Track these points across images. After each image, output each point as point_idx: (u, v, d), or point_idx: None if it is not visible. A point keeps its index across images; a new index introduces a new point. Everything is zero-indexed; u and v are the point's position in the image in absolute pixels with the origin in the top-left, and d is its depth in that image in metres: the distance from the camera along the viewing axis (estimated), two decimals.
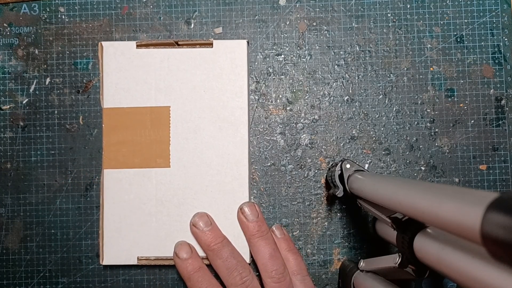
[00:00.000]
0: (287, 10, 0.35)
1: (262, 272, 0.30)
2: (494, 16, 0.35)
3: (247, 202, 0.32)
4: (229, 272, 0.30)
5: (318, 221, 0.34)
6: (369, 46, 0.35)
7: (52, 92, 0.35)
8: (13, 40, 0.35)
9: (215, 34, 0.35)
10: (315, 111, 0.35)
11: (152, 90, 0.33)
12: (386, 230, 0.30)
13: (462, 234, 0.15)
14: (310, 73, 0.35)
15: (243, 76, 0.33)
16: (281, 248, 0.31)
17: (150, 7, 0.35)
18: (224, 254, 0.30)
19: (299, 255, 0.32)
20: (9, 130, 0.35)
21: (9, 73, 0.35)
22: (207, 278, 0.30)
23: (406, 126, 0.35)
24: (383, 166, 0.35)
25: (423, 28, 0.35)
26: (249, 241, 0.31)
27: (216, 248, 0.30)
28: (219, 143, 0.33)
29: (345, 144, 0.35)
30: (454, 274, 0.18)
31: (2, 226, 0.34)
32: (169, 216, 0.32)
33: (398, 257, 0.24)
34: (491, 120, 0.35)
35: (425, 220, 0.18)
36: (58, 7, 0.35)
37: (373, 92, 0.35)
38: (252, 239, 0.31)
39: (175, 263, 0.31)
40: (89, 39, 0.35)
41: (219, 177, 0.33)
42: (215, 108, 0.33)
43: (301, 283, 0.31)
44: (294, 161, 0.35)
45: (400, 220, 0.24)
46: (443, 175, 0.34)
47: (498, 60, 0.35)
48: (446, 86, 0.35)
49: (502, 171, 0.34)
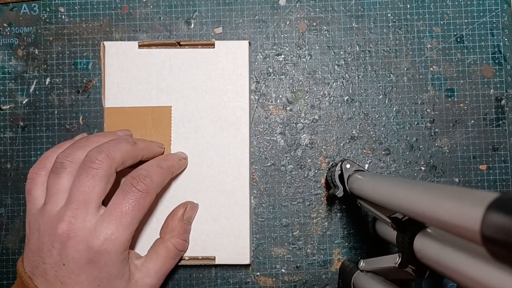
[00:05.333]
0: (287, 10, 0.35)
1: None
2: (494, 16, 0.35)
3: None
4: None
5: (318, 221, 0.34)
6: (369, 46, 0.35)
7: (52, 92, 0.35)
8: (13, 40, 0.35)
9: (215, 34, 0.35)
10: (315, 111, 0.35)
11: (154, 90, 0.33)
12: (386, 230, 0.30)
13: (462, 234, 0.15)
14: (310, 73, 0.35)
15: (244, 76, 0.33)
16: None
17: (150, 7, 0.35)
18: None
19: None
20: (9, 130, 0.35)
21: (9, 73, 0.35)
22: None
23: (406, 126, 0.35)
24: (383, 166, 0.35)
25: (423, 28, 0.35)
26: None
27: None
28: (220, 143, 0.33)
29: (345, 144, 0.35)
30: (454, 274, 0.18)
31: (2, 226, 0.34)
32: None
33: (398, 257, 0.24)
34: (491, 120, 0.35)
35: (425, 220, 0.18)
36: (58, 7, 0.35)
37: (373, 92, 0.35)
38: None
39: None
40: (89, 39, 0.35)
41: (220, 177, 0.33)
42: (216, 108, 0.33)
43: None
44: (294, 161, 0.35)
45: (400, 220, 0.24)
46: (443, 175, 0.34)
47: (498, 60, 0.35)
48: (446, 86, 0.35)
49: (502, 171, 0.34)
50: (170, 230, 0.30)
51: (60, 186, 0.26)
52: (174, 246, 0.30)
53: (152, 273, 0.29)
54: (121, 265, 0.26)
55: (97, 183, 0.26)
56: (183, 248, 0.31)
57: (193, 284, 0.34)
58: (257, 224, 0.34)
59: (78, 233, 0.25)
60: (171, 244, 0.30)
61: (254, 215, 0.34)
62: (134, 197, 0.26)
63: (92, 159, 0.26)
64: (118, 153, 0.27)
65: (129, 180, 0.27)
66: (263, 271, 0.34)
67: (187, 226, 0.32)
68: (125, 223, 0.26)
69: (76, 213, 0.25)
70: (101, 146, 0.27)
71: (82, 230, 0.25)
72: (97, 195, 0.26)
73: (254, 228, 0.34)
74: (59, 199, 0.26)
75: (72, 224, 0.25)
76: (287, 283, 0.34)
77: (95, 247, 0.25)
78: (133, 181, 0.27)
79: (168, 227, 0.31)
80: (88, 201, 0.26)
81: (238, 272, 0.34)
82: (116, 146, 0.27)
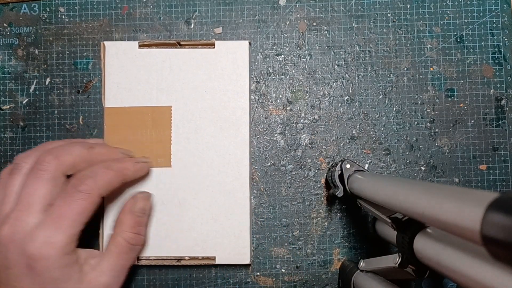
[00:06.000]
0: (287, 10, 0.35)
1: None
2: (494, 16, 0.35)
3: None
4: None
5: (318, 221, 0.34)
6: (369, 46, 0.35)
7: (52, 92, 0.35)
8: (13, 40, 0.35)
9: (215, 34, 0.35)
10: (315, 111, 0.35)
11: (154, 90, 0.33)
12: (386, 230, 0.30)
13: (462, 234, 0.15)
14: (310, 73, 0.35)
15: (244, 76, 0.33)
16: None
17: (150, 7, 0.35)
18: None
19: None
20: (9, 130, 0.35)
21: (9, 73, 0.35)
22: None
23: (406, 126, 0.35)
24: (383, 166, 0.35)
25: (423, 28, 0.35)
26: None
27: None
28: (220, 143, 0.33)
29: (345, 144, 0.35)
30: (454, 274, 0.18)
31: None
32: (169, 216, 0.32)
33: (398, 257, 0.24)
34: (491, 120, 0.35)
35: (425, 220, 0.18)
36: (58, 7, 0.35)
37: (373, 92, 0.35)
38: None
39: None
40: (89, 39, 0.35)
41: (220, 177, 0.33)
42: (217, 108, 0.33)
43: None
44: (294, 161, 0.35)
45: (400, 220, 0.24)
46: (443, 175, 0.34)
47: (498, 60, 0.35)
48: (446, 86, 0.35)
49: (502, 171, 0.34)
50: (119, 224, 0.29)
51: (13, 187, 0.26)
52: (125, 240, 0.28)
53: (105, 270, 0.27)
54: (65, 269, 0.25)
55: (42, 185, 0.25)
56: (136, 242, 0.29)
57: (193, 284, 0.34)
58: (257, 224, 0.34)
59: (17, 237, 0.24)
60: (121, 238, 0.28)
61: (254, 215, 0.34)
62: (74, 199, 0.25)
63: (39, 161, 0.26)
64: (67, 156, 0.26)
65: (72, 181, 0.26)
66: (263, 271, 0.34)
67: (139, 219, 0.30)
68: (64, 226, 0.25)
69: (19, 216, 0.25)
70: (52, 149, 0.27)
71: (21, 233, 0.24)
72: (41, 198, 0.25)
73: (254, 228, 0.34)
74: (11, 200, 0.26)
75: (14, 227, 0.24)
76: (287, 283, 0.34)
77: (30, 252, 0.24)
78: (75, 182, 0.26)
79: (118, 221, 0.29)
80: (31, 203, 0.25)
81: (238, 272, 0.34)
82: (67, 149, 0.27)
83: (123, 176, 0.29)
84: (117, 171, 0.28)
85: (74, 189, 0.25)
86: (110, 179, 0.27)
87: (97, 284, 0.27)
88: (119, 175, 0.28)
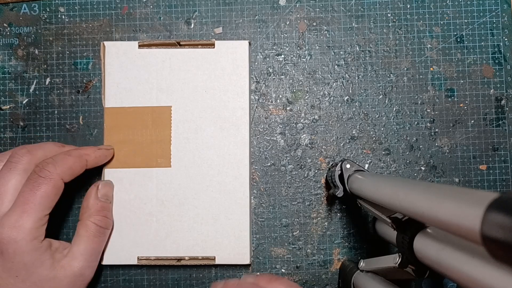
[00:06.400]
0: (287, 10, 0.35)
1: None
2: (494, 16, 0.35)
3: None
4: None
5: (318, 221, 0.34)
6: (369, 46, 0.35)
7: (52, 92, 0.35)
8: (13, 40, 0.35)
9: (215, 34, 0.35)
10: (315, 111, 0.35)
11: (154, 90, 0.33)
12: (386, 230, 0.30)
13: (462, 234, 0.15)
14: (310, 73, 0.35)
15: (244, 76, 0.33)
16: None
17: (150, 7, 0.35)
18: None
19: None
20: (9, 130, 0.35)
21: (9, 73, 0.35)
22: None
23: (406, 126, 0.35)
24: (383, 166, 0.35)
25: (423, 28, 0.35)
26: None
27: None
28: (220, 143, 0.33)
29: (345, 144, 0.35)
30: (454, 274, 0.18)
31: None
32: (169, 216, 0.32)
33: (398, 257, 0.24)
34: (491, 120, 0.35)
35: (425, 220, 0.18)
36: (58, 7, 0.35)
37: (373, 92, 0.35)
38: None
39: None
40: (89, 39, 0.35)
41: (220, 177, 0.33)
42: (216, 108, 0.33)
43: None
44: (294, 161, 0.35)
45: (400, 220, 0.24)
46: (443, 175, 0.34)
47: (498, 60, 0.35)
48: (446, 86, 0.35)
49: (502, 171, 0.34)
50: (86, 209, 0.30)
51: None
52: (93, 223, 0.30)
53: (78, 255, 0.28)
54: (35, 253, 0.26)
55: (13, 176, 0.27)
56: (104, 224, 0.30)
57: (193, 284, 0.34)
58: (257, 224, 0.34)
59: None
60: (90, 222, 0.30)
61: (254, 215, 0.34)
62: (36, 184, 0.27)
63: (13, 154, 0.28)
64: (39, 150, 0.29)
65: (34, 169, 0.28)
66: (263, 271, 0.34)
67: (104, 204, 0.31)
68: (28, 210, 0.26)
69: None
70: (26, 145, 0.29)
71: None
72: (12, 188, 0.27)
73: (254, 228, 0.34)
74: None
75: None
76: None
77: (0, 237, 0.25)
78: (37, 169, 0.27)
79: (84, 207, 0.30)
80: (4, 193, 0.27)
81: (238, 272, 0.34)
82: (39, 145, 0.29)
83: (85, 161, 0.30)
84: (78, 156, 0.30)
85: (36, 175, 0.27)
86: (71, 164, 0.29)
87: (70, 269, 0.28)
88: (80, 160, 0.30)
